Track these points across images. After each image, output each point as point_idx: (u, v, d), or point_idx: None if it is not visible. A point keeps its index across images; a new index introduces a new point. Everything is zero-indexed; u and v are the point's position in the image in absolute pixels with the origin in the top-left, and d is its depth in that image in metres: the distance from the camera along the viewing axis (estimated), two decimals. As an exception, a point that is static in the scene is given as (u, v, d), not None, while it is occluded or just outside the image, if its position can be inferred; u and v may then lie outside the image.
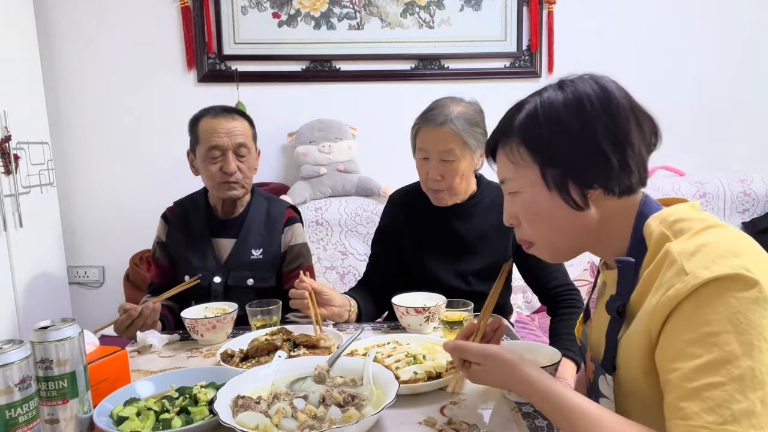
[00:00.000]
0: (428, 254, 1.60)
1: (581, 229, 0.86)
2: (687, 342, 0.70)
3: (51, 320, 0.89)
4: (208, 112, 1.65)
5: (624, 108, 0.82)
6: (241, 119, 1.66)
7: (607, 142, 0.80)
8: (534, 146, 0.85)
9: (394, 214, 1.71)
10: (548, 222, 0.87)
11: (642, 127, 0.83)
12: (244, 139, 1.63)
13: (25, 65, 2.40)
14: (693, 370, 0.68)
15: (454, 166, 1.49)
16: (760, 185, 2.60)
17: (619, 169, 0.81)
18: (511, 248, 1.61)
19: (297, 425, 0.83)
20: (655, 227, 0.80)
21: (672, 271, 0.73)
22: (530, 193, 0.87)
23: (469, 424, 0.91)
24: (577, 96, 0.82)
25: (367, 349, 1.18)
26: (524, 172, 0.87)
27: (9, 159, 2.19)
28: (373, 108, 2.73)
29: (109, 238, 2.71)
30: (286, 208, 1.77)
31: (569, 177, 0.83)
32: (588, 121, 0.81)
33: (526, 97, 0.89)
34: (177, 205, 1.75)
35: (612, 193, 0.83)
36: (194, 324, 1.34)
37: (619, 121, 0.81)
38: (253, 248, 1.65)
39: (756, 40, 2.81)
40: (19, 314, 2.24)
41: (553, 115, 0.83)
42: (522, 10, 2.71)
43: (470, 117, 1.50)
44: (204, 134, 1.61)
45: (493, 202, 1.61)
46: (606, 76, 0.85)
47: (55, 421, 0.86)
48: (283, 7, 2.66)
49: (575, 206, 0.84)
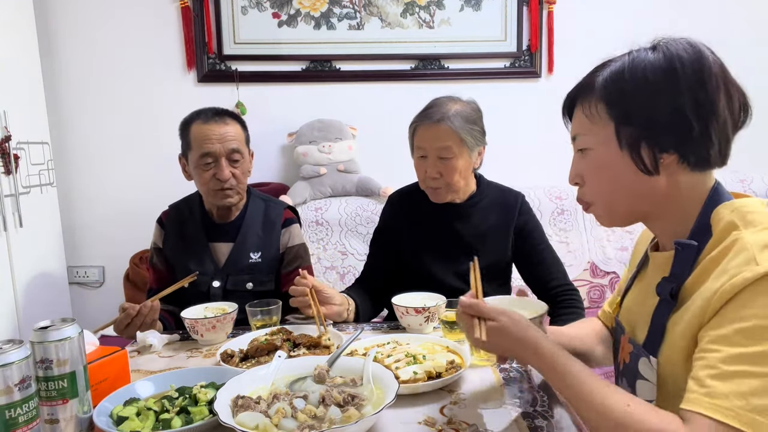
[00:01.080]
0: (427, 255, 1.60)
1: (645, 196, 0.84)
2: (738, 330, 0.69)
3: (51, 320, 0.89)
4: (199, 116, 1.61)
5: (716, 76, 0.79)
6: (234, 122, 1.62)
7: (691, 107, 0.77)
8: (614, 103, 0.82)
9: (393, 215, 1.71)
10: (613, 182, 0.85)
11: (731, 100, 0.80)
12: (237, 144, 1.59)
13: (25, 65, 2.40)
14: (735, 356, 0.68)
15: (452, 163, 1.49)
16: (760, 185, 2.60)
17: (699, 138, 0.78)
18: (511, 248, 1.61)
19: (297, 425, 0.83)
20: (725, 215, 0.78)
21: (740, 258, 0.72)
22: (601, 151, 0.85)
23: (469, 424, 0.91)
24: (669, 57, 0.80)
25: (367, 349, 1.18)
26: (598, 128, 0.85)
27: (9, 159, 2.19)
28: (373, 108, 2.73)
29: (109, 238, 2.71)
30: (284, 208, 1.75)
31: (644, 138, 0.80)
32: (676, 82, 0.78)
33: (615, 56, 0.86)
34: (172, 209, 1.73)
35: (687, 163, 0.80)
36: (194, 324, 1.34)
37: (708, 88, 0.78)
38: (252, 252, 1.64)
39: (756, 40, 2.81)
40: (19, 314, 2.23)
41: (639, 73, 0.80)
42: (522, 10, 2.71)
43: (468, 115, 1.50)
44: (195, 140, 1.58)
45: (493, 202, 1.61)
46: (702, 42, 0.82)
47: (55, 421, 0.86)
48: (283, 7, 2.66)
49: (644, 170, 0.81)
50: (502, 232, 1.59)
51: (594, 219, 0.94)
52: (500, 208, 1.61)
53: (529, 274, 1.63)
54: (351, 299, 1.51)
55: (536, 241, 1.61)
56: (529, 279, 1.63)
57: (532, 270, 1.61)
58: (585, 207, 0.92)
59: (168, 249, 1.68)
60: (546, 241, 1.63)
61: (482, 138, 1.55)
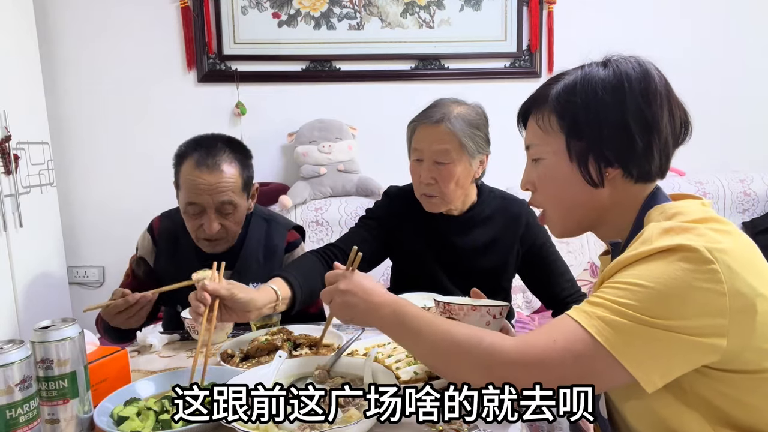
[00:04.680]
0: (423, 261, 1.54)
1: (590, 207, 0.88)
2: (617, 280, 0.75)
3: (51, 320, 0.89)
4: (193, 152, 1.42)
5: (660, 94, 0.83)
6: (231, 165, 1.41)
7: (636, 123, 0.82)
8: (565, 116, 0.86)
9: (390, 209, 1.58)
10: (561, 192, 0.90)
11: (673, 117, 0.85)
12: (229, 196, 1.40)
13: (25, 65, 2.40)
14: (606, 291, 0.75)
15: (448, 169, 1.40)
16: (760, 185, 2.60)
17: (641, 153, 0.83)
18: (516, 261, 1.55)
19: (297, 425, 0.83)
20: (654, 216, 0.82)
21: (640, 241, 0.77)
22: (552, 161, 0.89)
23: (469, 424, 0.91)
24: (618, 75, 0.84)
25: (368, 349, 1.18)
26: (550, 139, 0.89)
27: (9, 159, 2.19)
28: (373, 108, 2.73)
29: (109, 238, 2.70)
30: (288, 230, 1.61)
31: (591, 152, 0.84)
32: (623, 100, 0.82)
33: (569, 69, 0.90)
34: (165, 222, 1.58)
35: (630, 176, 0.85)
36: (194, 324, 1.34)
37: (652, 106, 0.82)
38: (252, 282, 1.42)
39: (756, 41, 2.81)
40: (19, 314, 2.23)
41: (590, 89, 0.84)
42: (522, 10, 2.71)
43: (471, 119, 1.42)
44: (184, 185, 1.41)
45: (495, 213, 1.53)
46: (649, 61, 0.87)
47: (55, 421, 0.86)
48: (283, 7, 2.66)
49: (591, 182, 0.86)
50: (504, 245, 1.51)
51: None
52: (503, 219, 1.53)
53: (538, 286, 1.57)
54: (281, 289, 1.20)
55: (546, 253, 1.53)
56: (538, 291, 1.58)
57: (544, 283, 1.54)
58: (540, 218, 0.97)
59: (160, 270, 1.56)
60: (555, 252, 1.55)
61: (485, 146, 1.46)
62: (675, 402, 0.77)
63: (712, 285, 0.70)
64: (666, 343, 0.70)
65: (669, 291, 0.70)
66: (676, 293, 0.70)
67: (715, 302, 0.70)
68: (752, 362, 0.74)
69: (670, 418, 0.78)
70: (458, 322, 0.88)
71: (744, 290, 0.70)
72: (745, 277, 0.71)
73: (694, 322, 0.70)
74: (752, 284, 0.71)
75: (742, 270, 0.71)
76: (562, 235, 0.96)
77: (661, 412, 0.78)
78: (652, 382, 0.71)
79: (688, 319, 0.70)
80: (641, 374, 0.70)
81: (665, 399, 0.77)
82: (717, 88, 2.79)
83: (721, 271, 0.70)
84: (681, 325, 0.70)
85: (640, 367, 0.70)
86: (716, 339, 0.70)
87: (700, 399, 0.76)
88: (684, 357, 0.71)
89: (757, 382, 0.75)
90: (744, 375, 0.74)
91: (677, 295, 0.70)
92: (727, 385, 0.75)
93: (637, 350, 0.71)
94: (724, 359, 0.72)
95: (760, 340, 0.72)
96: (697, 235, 0.73)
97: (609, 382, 0.74)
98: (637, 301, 0.71)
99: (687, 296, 0.70)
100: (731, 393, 0.75)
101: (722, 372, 0.74)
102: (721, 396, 0.76)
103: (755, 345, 0.72)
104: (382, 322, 0.90)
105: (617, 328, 0.71)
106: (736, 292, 0.70)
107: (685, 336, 0.69)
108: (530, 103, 0.94)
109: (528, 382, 0.73)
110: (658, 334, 0.70)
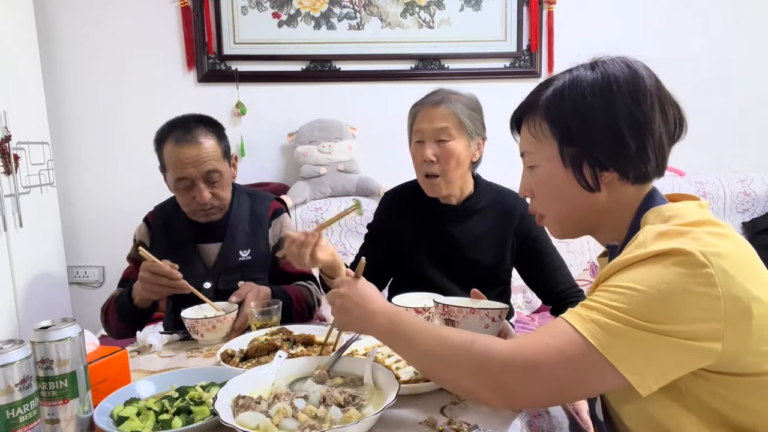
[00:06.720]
0: (421, 256, 1.57)
1: (589, 211, 0.88)
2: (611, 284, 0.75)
3: (51, 320, 0.88)
4: (170, 133, 1.52)
5: (651, 94, 0.82)
6: (208, 136, 1.52)
7: (627, 126, 0.81)
8: (555, 122, 0.86)
9: (387, 214, 1.67)
10: (558, 197, 0.89)
11: (666, 116, 0.84)
12: (213, 165, 1.51)
13: (25, 65, 2.40)
14: (600, 295, 0.75)
15: (449, 146, 1.47)
16: (760, 185, 2.61)
17: (635, 155, 0.82)
18: (512, 254, 1.57)
19: (297, 425, 0.83)
20: (650, 219, 0.81)
21: (634, 245, 0.77)
22: (547, 168, 0.89)
23: (469, 424, 0.91)
24: (606, 77, 0.83)
25: (368, 349, 1.18)
26: (544, 146, 0.88)
27: (9, 159, 2.19)
28: (373, 108, 2.73)
29: (109, 238, 2.70)
30: (271, 200, 1.71)
31: (585, 157, 0.84)
32: (612, 103, 0.81)
33: (557, 73, 0.90)
34: (158, 210, 1.69)
35: (627, 179, 0.84)
36: (194, 324, 1.34)
37: (643, 107, 0.81)
38: (241, 249, 1.61)
39: (756, 41, 2.81)
40: (19, 314, 2.23)
41: (578, 94, 0.83)
42: (522, 10, 2.71)
43: (469, 103, 1.51)
44: (169, 163, 1.52)
45: (491, 205, 1.57)
46: (639, 61, 0.86)
47: (55, 421, 0.86)
48: (283, 7, 2.66)
49: (587, 187, 0.85)
50: (499, 237, 1.55)
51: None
52: (498, 211, 1.57)
53: (534, 279, 1.59)
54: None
55: (541, 246, 1.56)
56: (534, 284, 1.59)
57: (538, 276, 1.56)
58: (538, 219, 0.97)
59: (155, 251, 1.57)
60: (551, 245, 1.57)
61: (482, 129, 1.54)
62: (672, 404, 0.77)
63: (707, 289, 0.69)
64: (660, 347, 0.70)
65: (663, 295, 0.70)
66: (670, 297, 0.70)
67: (709, 306, 0.69)
68: (752, 365, 0.73)
69: (667, 421, 0.78)
70: (452, 329, 0.88)
71: (739, 294, 0.70)
72: (740, 281, 0.71)
73: (688, 326, 0.69)
74: (748, 288, 0.71)
75: (737, 273, 0.71)
76: (562, 236, 0.96)
77: (658, 414, 0.78)
78: (647, 386, 0.71)
79: (682, 323, 0.69)
80: (635, 378, 0.70)
81: (662, 402, 0.77)
82: (717, 88, 2.79)
83: (715, 274, 0.70)
84: (675, 329, 0.69)
85: (634, 370, 0.70)
86: (711, 343, 0.70)
87: (698, 401, 0.76)
88: (678, 361, 0.71)
89: (756, 385, 0.75)
90: (743, 378, 0.74)
91: (671, 299, 0.70)
92: (725, 388, 0.75)
93: (630, 354, 0.70)
94: (722, 362, 0.72)
95: (758, 343, 0.72)
96: (692, 239, 0.72)
97: (603, 385, 0.74)
98: (632, 305, 0.71)
99: (681, 300, 0.70)
100: (730, 396, 0.75)
101: (721, 375, 0.74)
102: (719, 399, 0.75)
103: (754, 348, 0.72)
104: (377, 329, 0.90)
105: (611, 332, 0.71)
106: (731, 295, 0.70)
107: (680, 340, 0.69)
108: (522, 110, 0.94)
109: (522, 385, 0.73)
110: (652, 338, 0.70)
